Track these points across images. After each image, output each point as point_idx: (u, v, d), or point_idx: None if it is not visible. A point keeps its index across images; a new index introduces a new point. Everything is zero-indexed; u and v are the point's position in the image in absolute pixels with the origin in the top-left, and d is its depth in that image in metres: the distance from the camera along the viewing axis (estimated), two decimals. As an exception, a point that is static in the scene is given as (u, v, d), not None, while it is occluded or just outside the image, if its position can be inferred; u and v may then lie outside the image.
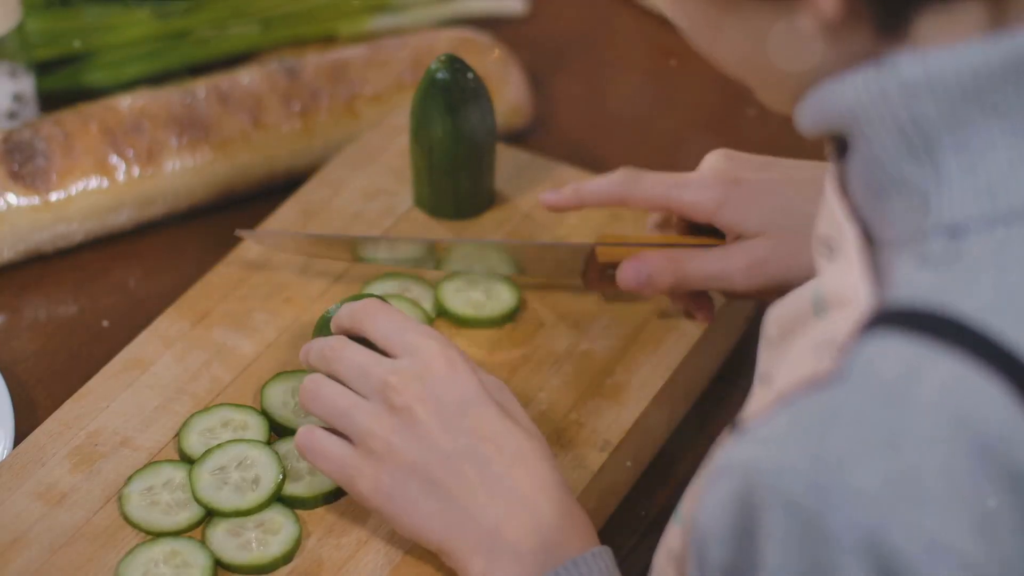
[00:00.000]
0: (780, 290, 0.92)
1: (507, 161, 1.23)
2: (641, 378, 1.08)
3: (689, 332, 1.11)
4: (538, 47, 1.41)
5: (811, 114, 0.74)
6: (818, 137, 0.77)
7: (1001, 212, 0.69)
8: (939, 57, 0.70)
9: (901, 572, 0.65)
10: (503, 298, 1.12)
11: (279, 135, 1.27)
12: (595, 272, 1.09)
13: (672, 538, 0.84)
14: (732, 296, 1.07)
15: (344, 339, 0.98)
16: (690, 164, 1.07)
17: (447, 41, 1.33)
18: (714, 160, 1.06)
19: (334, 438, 0.95)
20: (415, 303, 1.11)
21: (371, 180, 1.23)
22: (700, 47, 0.79)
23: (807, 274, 0.81)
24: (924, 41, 0.71)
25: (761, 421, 0.69)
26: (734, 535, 0.69)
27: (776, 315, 0.82)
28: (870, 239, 0.74)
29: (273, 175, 1.27)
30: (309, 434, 0.96)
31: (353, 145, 1.26)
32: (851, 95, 0.72)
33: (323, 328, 1.02)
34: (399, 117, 1.26)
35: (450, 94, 1.14)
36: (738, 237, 1.04)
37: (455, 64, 1.15)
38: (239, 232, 1.14)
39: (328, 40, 1.40)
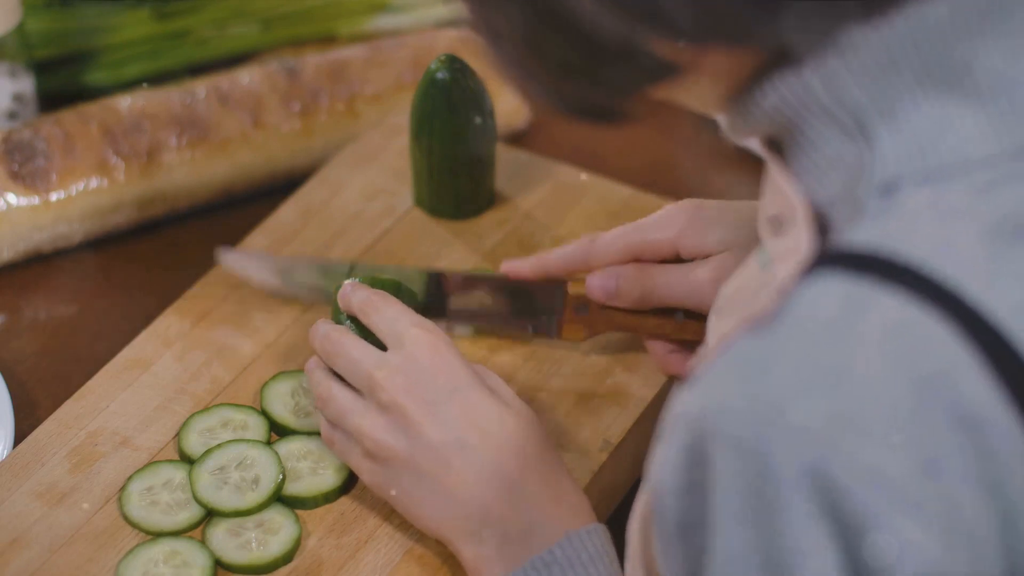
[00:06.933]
0: None
1: (507, 161, 1.23)
2: (641, 378, 1.08)
3: (689, 332, 1.11)
4: (538, 47, 1.40)
5: (735, 123, 0.75)
6: (750, 138, 0.77)
7: (932, 169, 0.69)
8: (851, 39, 0.70)
9: (844, 506, 0.64)
10: (503, 298, 1.12)
11: (279, 135, 1.27)
12: (570, 311, 1.07)
13: (641, 504, 0.84)
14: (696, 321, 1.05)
15: (344, 331, 0.99)
16: (689, 162, 1.07)
17: (447, 41, 1.33)
18: (674, 204, 1.06)
19: (342, 434, 0.98)
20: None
21: (371, 180, 1.22)
22: None
23: None
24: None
25: (705, 368, 0.69)
26: (686, 485, 0.69)
27: (724, 289, 0.83)
28: (818, 221, 0.74)
29: (273, 175, 1.27)
30: (328, 431, 0.99)
31: (353, 145, 1.26)
32: (775, 97, 0.72)
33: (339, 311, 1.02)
34: (399, 117, 1.26)
35: (450, 94, 1.14)
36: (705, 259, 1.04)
37: (455, 64, 1.15)
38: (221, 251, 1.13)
39: (328, 40, 1.40)
